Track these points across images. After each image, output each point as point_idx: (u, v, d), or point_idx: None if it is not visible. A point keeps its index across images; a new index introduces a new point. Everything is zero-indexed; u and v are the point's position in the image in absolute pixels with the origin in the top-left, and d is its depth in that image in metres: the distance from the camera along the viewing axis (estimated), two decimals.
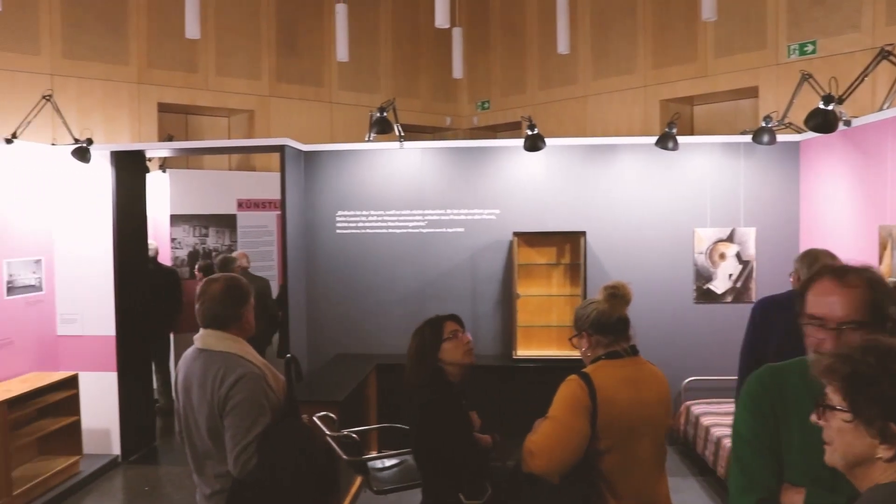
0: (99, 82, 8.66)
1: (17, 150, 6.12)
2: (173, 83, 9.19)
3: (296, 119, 9.99)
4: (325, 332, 7.08)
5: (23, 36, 8.24)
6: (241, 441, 2.79)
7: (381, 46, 11.02)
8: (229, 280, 3.06)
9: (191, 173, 9.04)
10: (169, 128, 9.21)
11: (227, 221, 8.84)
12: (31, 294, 6.27)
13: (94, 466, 6.35)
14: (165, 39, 9.09)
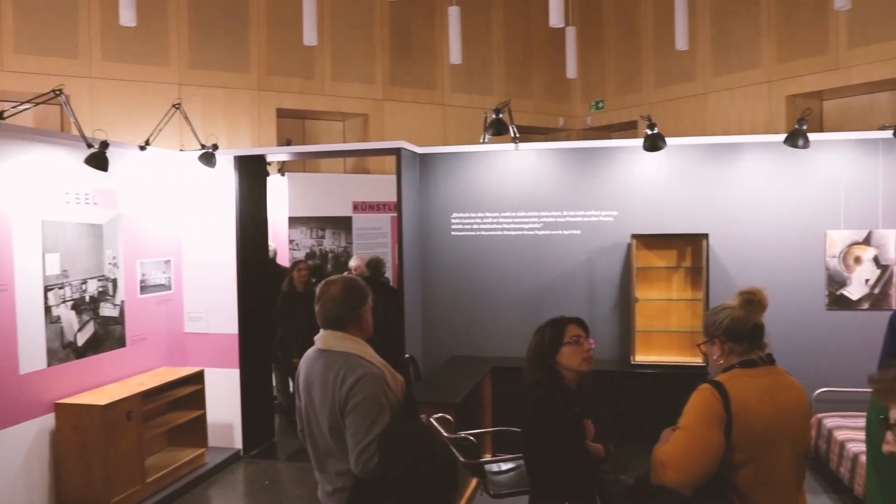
0: (222, 90, 9.02)
1: (150, 157, 6.42)
2: (291, 89, 9.46)
3: (409, 122, 10.09)
4: (439, 334, 7.09)
5: (154, 49, 8.69)
6: (363, 440, 2.79)
7: (493, 48, 11.00)
8: (348, 281, 3.07)
9: (308, 177, 9.28)
10: (287, 132, 9.49)
11: (343, 223, 9.03)
12: (161, 293, 6.57)
13: (217, 459, 6.57)
14: (284, 48, 9.37)
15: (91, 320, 5.72)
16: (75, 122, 5.31)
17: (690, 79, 9.90)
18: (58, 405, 5.36)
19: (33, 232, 5.19)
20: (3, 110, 4.95)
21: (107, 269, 5.88)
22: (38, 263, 5.22)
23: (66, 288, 5.47)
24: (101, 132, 5.44)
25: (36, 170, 5.23)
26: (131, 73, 8.67)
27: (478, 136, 7.49)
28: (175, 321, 6.77)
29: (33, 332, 5.19)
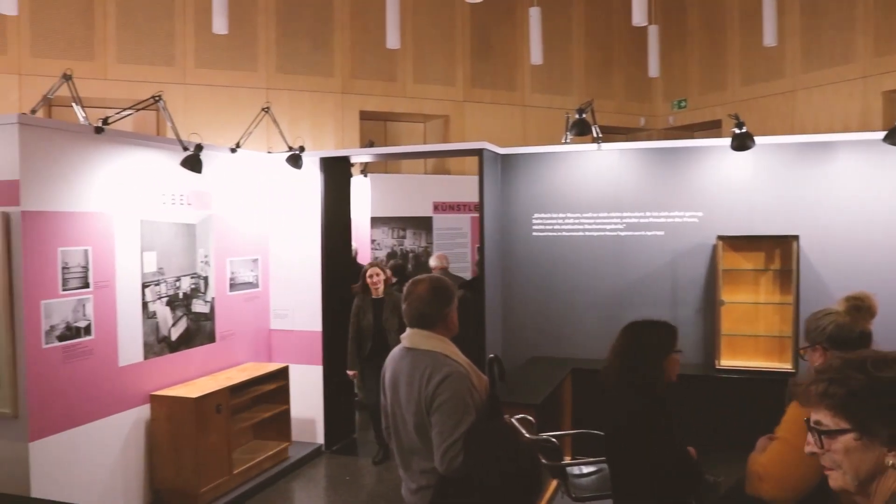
0: (307, 94, 9.25)
1: (240, 159, 6.64)
2: (374, 92, 9.62)
3: (489, 123, 10.12)
4: (519, 335, 7.09)
5: (243, 56, 8.98)
6: (448, 438, 2.82)
7: (573, 48, 10.92)
8: (435, 280, 3.11)
9: (390, 177, 9.41)
10: (369, 134, 9.65)
11: (424, 223, 9.12)
12: (249, 291, 6.79)
13: (300, 453, 6.74)
14: (367, 51, 9.53)
15: (184, 316, 5.96)
16: (172, 126, 5.55)
17: (779, 76, 9.60)
18: (153, 396, 5.61)
19: (133, 231, 5.45)
20: (108, 116, 5.22)
21: (199, 267, 6.12)
22: (136, 261, 5.48)
23: (162, 285, 5.72)
24: (195, 136, 5.66)
25: (136, 172, 5.49)
26: (222, 79, 8.98)
27: (558, 136, 7.45)
28: (262, 318, 6.98)
29: (131, 327, 5.45)
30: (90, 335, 5.08)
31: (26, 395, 4.61)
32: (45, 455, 4.71)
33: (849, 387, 1.50)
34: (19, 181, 4.57)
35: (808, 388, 1.57)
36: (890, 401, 1.46)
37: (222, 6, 7.29)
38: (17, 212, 4.58)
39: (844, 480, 1.52)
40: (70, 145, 4.97)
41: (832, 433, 1.51)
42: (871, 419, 1.47)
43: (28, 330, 4.61)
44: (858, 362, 1.53)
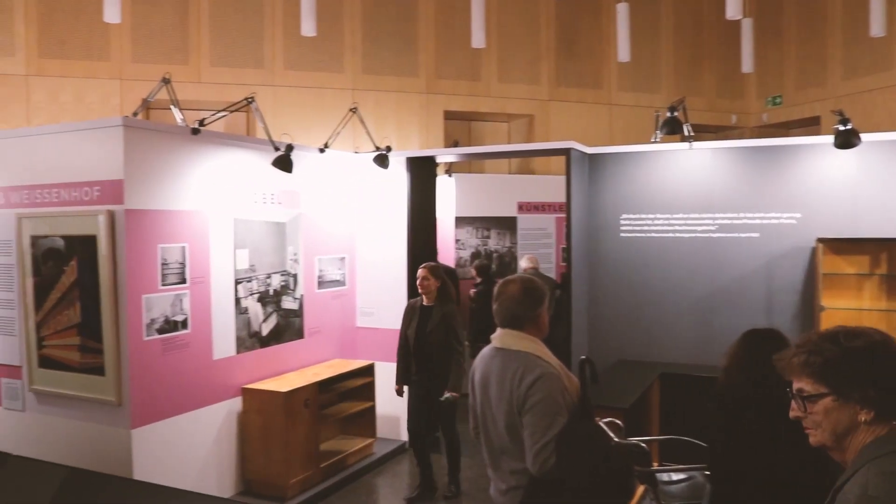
0: (393, 94, 9.35)
1: (328, 159, 6.76)
2: (458, 91, 9.65)
3: (574, 122, 10.01)
4: (606, 337, 6.97)
5: (330, 57, 9.15)
6: (540, 440, 2.79)
7: (661, 44, 10.68)
8: (527, 281, 3.09)
9: (474, 177, 9.42)
10: (454, 134, 9.69)
11: (508, 224, 9.09)
12: (336, 288, 6.91)
13: (385, 450, 6.82)
14: (451, 51, 9.57)
15: (274, 312, 6.11)
16: (265, 127, 5.69)
17: (886, 68, 9.14)
18: (244, 390, 5.78)
19: (226, 229, 5.62)
20: (204, 118, 5.39)
21: (289, 264, 6.26)
22: (229, 258, 5.65)
23: (254, 281, 5.88)
24: (286, 136, 5.80)
25: (229, 171, 5.66)
26: (309, 81, 9.18)
27: (645, 135, 7.31)
28: (348, 316, 7.09)
29: (225, 322, 5.62)
30: (187, 329, 5.27)
31: (129, 384, 4.83)
32: (145, 441, 4.92)
33: (825, 356, 1.75)
34: (123, 181, 4.78)
35: (791, 361, 1.81)
36: (860, 366, 1.71)
37: (311, 9, 7.44)
38: (122, 210, 4.79)
39: (823, 437, 1.78)
40: (168, 146, 5.16)
41: (813, 398, 1.76)
42: (845, 383, 1.72)
43: (131, 322, 4.82)
44: (832, 335, 1.78)
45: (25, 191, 5.28)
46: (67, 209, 5.04)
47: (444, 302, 5.85)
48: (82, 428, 5.05)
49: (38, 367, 5.26)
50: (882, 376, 1.71)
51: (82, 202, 4.98)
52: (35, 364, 5.27)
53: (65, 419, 5.16)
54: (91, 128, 5.02)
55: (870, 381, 1.71)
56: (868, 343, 1.75)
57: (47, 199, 5.16)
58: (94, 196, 4.93)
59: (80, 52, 8.75)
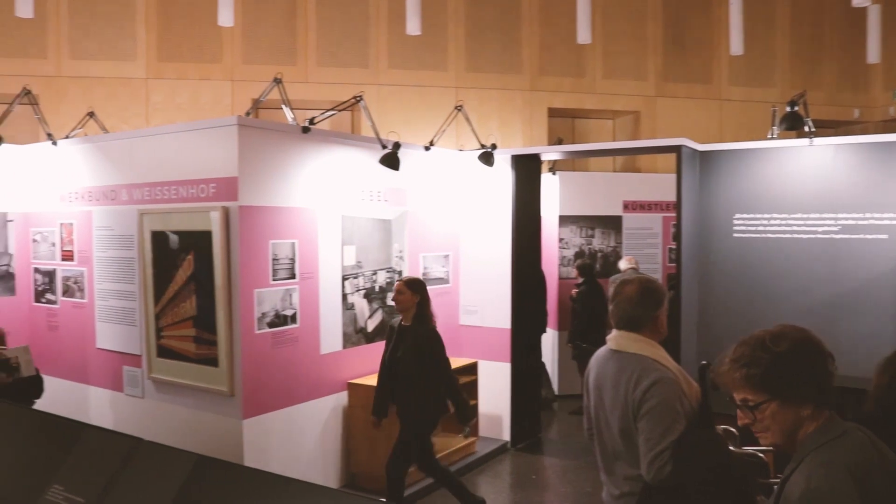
0: (495, 91, 9.31)
1: (433, 156, 6.79)
2: (562, 88, 9.52)
3: (682, 118, 9.71)
4: (717, 342, 6.69)
5: (434, 56, 9.19)
6: (656, 447, 2.71)
7: (776, 34, 10.22)
8: (645, 282, 3.02)
9: (578, 175, 9.27)
10: (557, 131, 9.57)
11: (613, 223, 8.91)
12: (440, 286, 6.93)
13: (487, 449, 6.79)
14: (555, 48, 9.46)
15: (379, 308, 6.18)
16: (372, 125, 5.76)
17: None
18: (350, 384, 5.87)
19: (334, 226, 5.72)
20: (314, 117, 5.51)
21: (394, 261, 6.32)
22: (337, 255, 5.75)
23: (360, 278, 5.97)
24: (393, 134, 5.85)
25: (337, 169, 5.76)
26: (413, 79, 9.26)
27: (757, 131, 7.00)
28: (452, 313, 7.10)
29: (332, 317, 5.72)
30: (296, 323, 5.39)
31: (241, 376, 4.98)
32: (255, 432, 5.07)
33: (762, 367, 1.89)
34: (237, 178, 4.93)
35: (732, 376, 1.96)
36: (793, 369, 1.88)
37: (416, 8, 7.50)
38: (235, 206, 4.94)
39: (775, 438, 1.93)
40: (279, 145, 5.29)
41: (759, 405, 1.91)
42: (784, 387, 1.88)
43: (243, 316, 4.97)
44: (760, 343, 1.93)
45: (146, 188, 5.53)
46: (185, 205, 5.25)
47: (420, 322, 5.05)
48: (196, 416, 5.25)
49: (157, 356, 5.50)
50: (811, 372, 1.90)
51: (198, 199, 5.17)
52: (154, 353, 5.51)
53: (180, 407, 5.38)
54: (207, 127, 5.21)
55: (803, 380, 1.89)
56: (793, 345, 1.91)
57: (166, 196, 5.39)
58: (209, 193, 5.10)
59: (195, 55, 9.11)
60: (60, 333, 6.31)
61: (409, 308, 5.04)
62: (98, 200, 5.93)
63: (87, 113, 6.76)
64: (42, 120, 6.44)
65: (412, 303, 5.03)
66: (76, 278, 6.13)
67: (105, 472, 2.24)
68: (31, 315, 6.47)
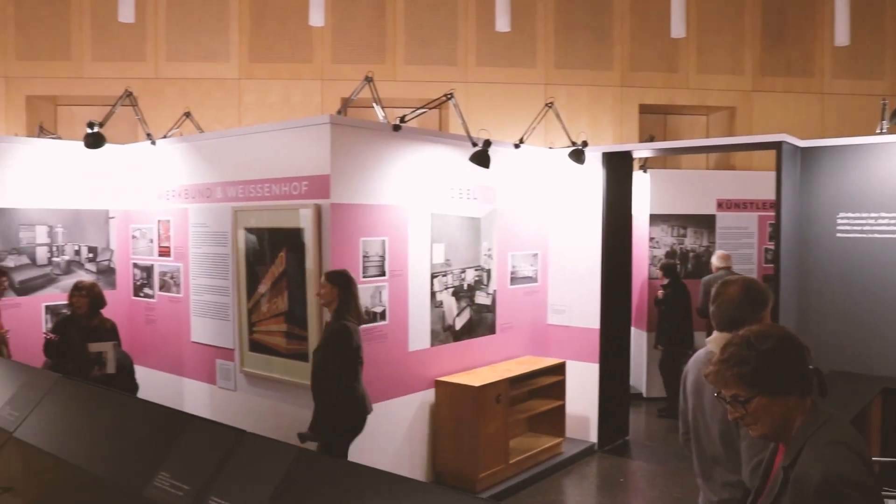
0: (585, 88, 9.16)
1: (522, 154, 6.71)
2: (654, 84, 9.29)
3: (781, 113, 9.33)
4: (818, 346, 6.39)
5: (522, 52, 9.10)
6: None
7: (886, 23, 9.70)
8: (748, 282, 2.92)
9: (670, 173, 9.03)
10: (648, 128, 9.34)
11: (706, 222, 8.64)
12: (528, 285, 6.85)
13: (573, 450, 6.68)
14: (647, 43, 9.23)
15: (467, 307, 6.15)
16: (463, 123, 5.74)
17: None
18: (437, 382, 5.86)
19: (424, 223, 5.72)
20: (405, 115, 5.51)
21: (482, 259, 6.28)
22: (426, 252, 5.75)
23: (449, 276, 5.95)
24: (484, 132, 5.80)
25: (427, 167, 5.75)
26: (501, 76, 9.19)
27: (864, 126, 6.64)
28: (539, 312, 7.01)
29: (421, 315, 5.73)
30: (385, 320, 5.41)
31: None
32: None
33: (750, 364, 2.04)
34: (330, 176, 4.98)
35: (724, 374, 2.09)
36: (779, 364, 2.04)
37: (505, 5, 7.44)
38: (328, 204, 4.99)
39: (765, 429, 2.08)
40: (370, 143, 5.32)
41: (749, 400, 2.05)
42: (772, 382, 2.03)
43: None
44: (745, 341, 2.08)
45: (240, 186, 5.65)
46: (277, 203, 5.34)
47: (337, 316, 4.70)
48: (287, 410, 5.34)
49: (249, 350, 5.62)
50: (795, 367, 2.06)
51: (291, 196, 5.25)
52: (246, 348, 5.63)
53: (271, 400, 5.48)
54: (300, 126, 5.28)
55: (789, 374, 2.05)
56: (777, 342, 2.07)
57: (259, 194, 5.49)
58: (302, 190, 5.17)
59: (286, 56, 9.28)
60: (157, 327, 6.54)
61: (331, 302, 4.72)
62: (194, 198, 6.10)
63: (183, 113, 6.96)
64: (142, 120, 6.67)
65: (333, 296, 4.71)
66: (172, 273, 6.32)
67: (209, 461, 2.30)
68: (130, 309, 6.72)
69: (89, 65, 9.11)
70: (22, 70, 9.02)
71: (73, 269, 6.47)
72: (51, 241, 6.36)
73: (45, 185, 6.35)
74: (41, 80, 9.07)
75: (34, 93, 9.11)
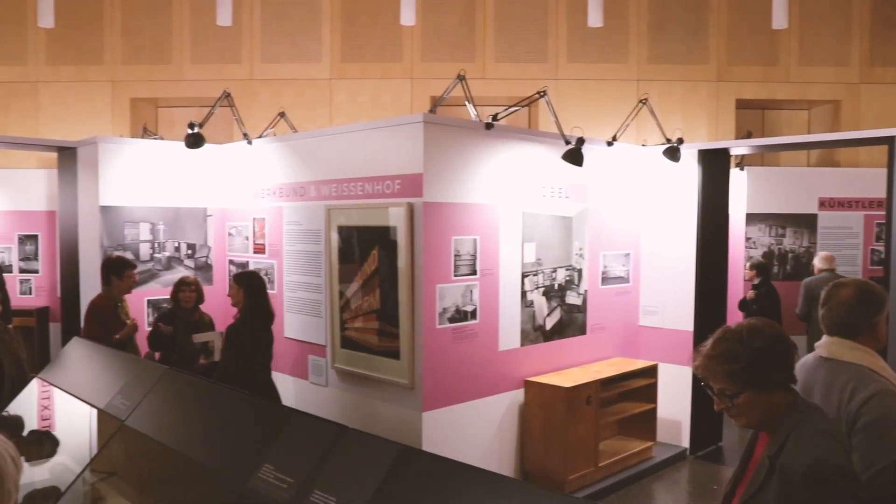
0: (678, 83, 8.92)
1: (614, 152, 6.58)
2: (751, 78, 8.98)
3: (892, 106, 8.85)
4: None
5: (614, 48, 8.94)
6: (875, 464, 2.48)
7: None
8: (862, 284, 2.82)
9: (768, 170, 8.71)
10: (746, 124, 9.03)
11: (807, 221, 8.29)
12: (619, 285, 6.72)
13: (664, 455, 6.52)
14: (745, 34, 8.92)
15: (558, 307, 6.08)
16: (556, 120, 5.67)
17: None
18: (527, 382, 5.82)
19: (515, 222, 5.68)
20: (497, 113, 5.48)
21: (574, 259, 6.19)
22: (517, 251, 5.71)
23: (539, 275, 5.89)
24: (577, 129, 5.72)
25: (518, 165, 5.71)
26: (592, 73, 9.05)
27: None
28: (631, 313, 6.87)
29: (511, 314, 5.69)
30: (475, 319, 5.40)
31: (422, 369, 5.05)
32: (434, 425, 5.14)
33: (741, 362, 2.13)
34: (422, 175, 4.99)
35: (713, 369, 2.19)
36: (766, 363, 2.13)
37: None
38: (420, 203, 5.01)
39: (751, 420, 2.20)
40: (463, 141, 5.31)
41: (736, 394, 2.16)
42: (758, 377, 2.14)
43: (425, 311, 5.04)
44: (737, 337, 2.17)
45: (333, 184, 5.74)
46: (370, 202, 5.39)
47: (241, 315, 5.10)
48: (377, 407, 5.39)
49: (341, 347, 5.71)
50: (782, 365, 2.17)
51: (383, 195, 5.29)
52: (338, 344, 5.72)
53: (362, 397, 5.55)
54: (393, 125, 5.32)
55: (776, 372, 2.17)
56: (767, 341, 2.16)
57: (352, 192, 5.56)
58: (394, 189, 5.21)
59: (377, 55, 9.39)
60: None
61: (238, 302, 5.04)
62: (288, 197, 6.23)
63: (278, 113, 7.12)
64: (239, 121, 6.85)
65: (240, 297, 5.01)
66: (267, 270, 6.48)
67: (312, 456, 2.33)
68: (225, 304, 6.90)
69: (188, 68, 9.44)
70: (127, 74, 9.42)
71: (173, 265, 6.72)
72: (153, 237, 6.62)
73: (148, 184, 6.61)
74: (144, 83, 9.45)
75: (137, 95, 9.51)
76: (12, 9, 9.47)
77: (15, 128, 9.35)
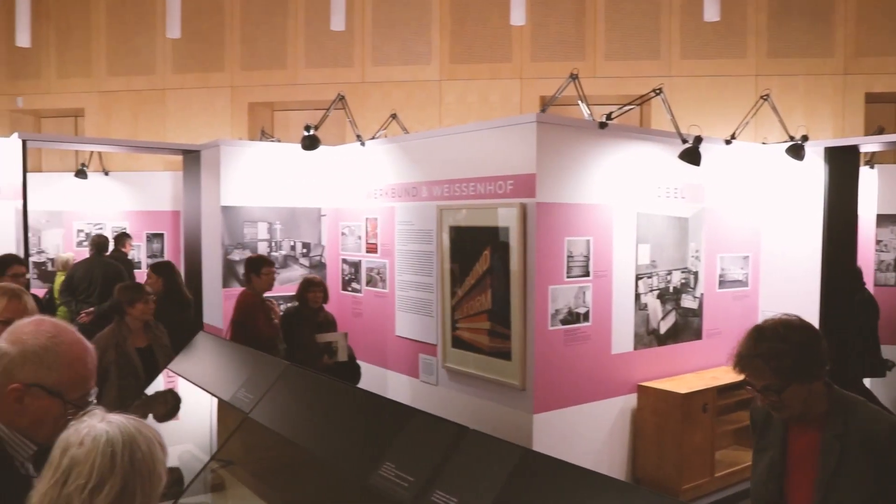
0: (801, 78, 8.52)
1: (733, 151, 6.34)
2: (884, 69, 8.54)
3: None
4: None
5: (731, 42, 8.62)
6: None
7: None
8: None
9: None
10: (876, 119, 8.52)
11: None
12: (737, 289, 6.46)
13: None
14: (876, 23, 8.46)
15: (673, 310, 5.91)
16: (672, 119, 5.51)
17: None
18: (640, 387, 5.67)
19: (629, 223, 5.55)
20: (611, 112, 5.38)
21: (689, 261, 6.00)
22: (631, 253, 5.58)
23: (654, 278, 5.74)
24: (695, 128, 5.54)
25: (633, 165, 5.58)
26: (707, 69, 8.76)
27: None
28: (750, 318, 6.58)
29: (624, 317, 5.57)
30: (588, 322, 5.32)
31: (533, 371, 5.01)
32: (545, 427, 5.09)
33: (788, 358, 2.26)
34: (535, 175, 4.95)
35: (760, 368, 2.30)
36: (807, 356, 2.28)
37: None
38: (533, 203, 4.97)
39: (794, 411, 2.33)
40: (576, 141, 5.24)
41: (784, 389, 2.27)
42: (803, 370, 2.27)
43: (538, 312, 5.00)
44: (776, 335, 2.31)
45: (445, 185, 5.77)
46: (482, 202, 5.39)
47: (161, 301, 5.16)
48: (487, 407, 5.38)
49: (451, 346, 5.73)
50: (820, 355, 2.30)
51: (496, 195, 5.28)
52: (449, 344, 5.75)
53: (472, 397, 5.55)
54: (505, 125, 5.30)
55: (818, 363, 2.29)
56: (805, 335, 2.31)
57: (464, 193, 5.58)
58: (507, 189, 5.19)
59: (486, 56, 9.40)
60: (364, 320, 6.83)
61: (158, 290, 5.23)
62: (400, 197, 6.31)
63: (390, 115, 7.22)
64: (353, 123, 6.99)
65: (159, 285, 5.22)
66: (379, 269, 6.58)
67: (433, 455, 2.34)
68: (338, 302, 7.07)
69: (303, 72, 9.72)
70: (245, 79, 9.79)
71: (289, 263, 6.93)
72: (270, 237, 6.85)
73: (265, 185, 6.84)
74: (261, 87, 9.81)
75: (255, 100, 9.87)
76: (142, 23, 10.02)
77: (145, 133, 9.89)
